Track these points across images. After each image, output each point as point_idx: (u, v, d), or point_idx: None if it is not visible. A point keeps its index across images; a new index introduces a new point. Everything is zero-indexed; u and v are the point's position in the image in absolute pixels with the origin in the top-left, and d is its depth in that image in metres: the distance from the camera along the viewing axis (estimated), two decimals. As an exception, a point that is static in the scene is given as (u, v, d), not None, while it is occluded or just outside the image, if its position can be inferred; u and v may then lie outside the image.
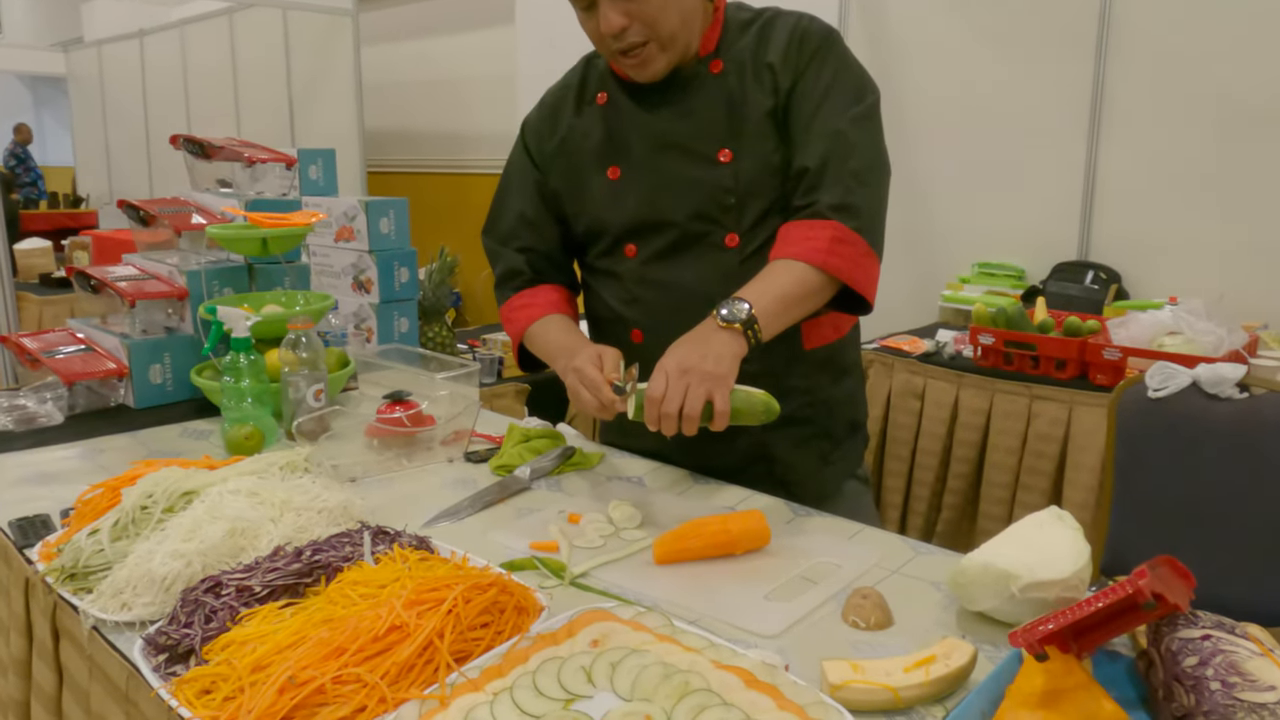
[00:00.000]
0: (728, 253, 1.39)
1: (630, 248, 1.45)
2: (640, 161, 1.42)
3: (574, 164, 1.48)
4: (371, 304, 2.36)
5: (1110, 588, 0.76)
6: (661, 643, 0.85)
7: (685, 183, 1.39)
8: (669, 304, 1.41)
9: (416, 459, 1.54)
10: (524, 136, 1.57)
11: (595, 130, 1.46)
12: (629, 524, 1.27)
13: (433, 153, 5.88)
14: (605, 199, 1.45)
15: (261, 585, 0.94)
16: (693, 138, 1.38)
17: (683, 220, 1.39)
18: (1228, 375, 1.91)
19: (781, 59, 1.35)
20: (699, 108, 1.38)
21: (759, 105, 1.36)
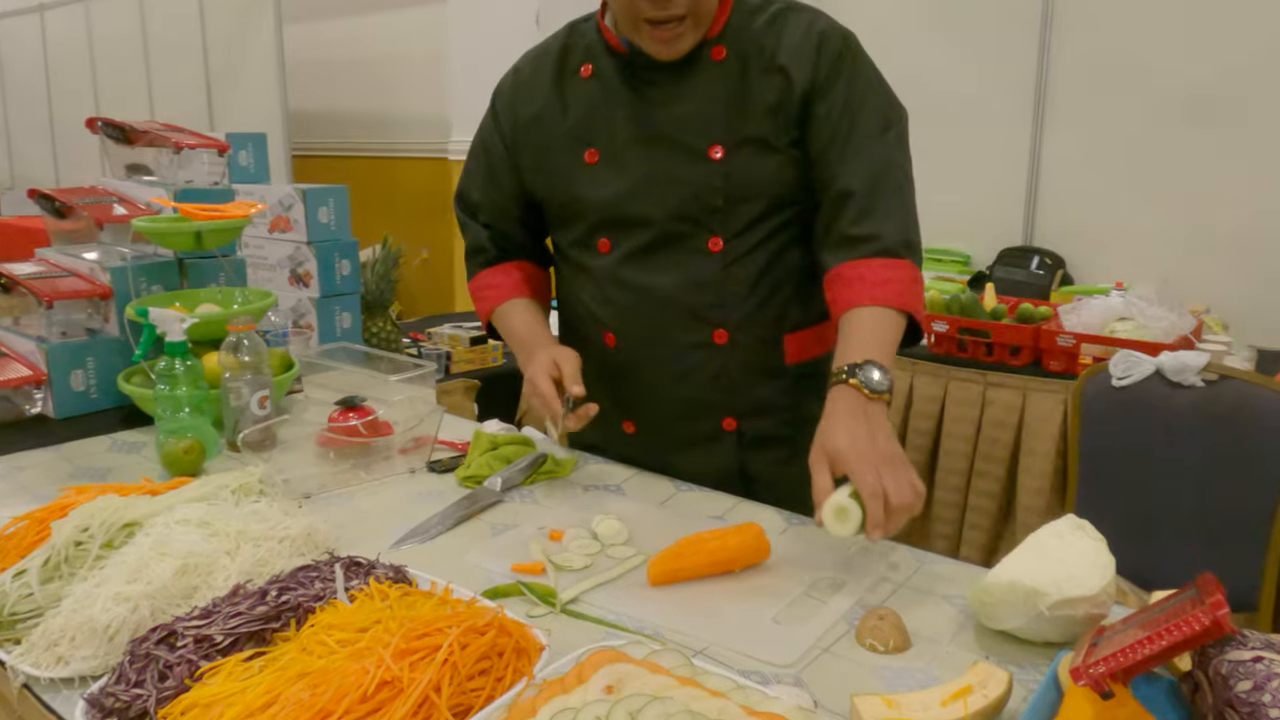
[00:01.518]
0: (710, 258, 1.29)
1: (604, 242, 1.35)
2: (622, 148, 1.31)
3: (548, 141, 1.36)
4: (311, 298, 2.22)
5: (1182, 619, 0.70)
6: (684, 686, 0.77)
7: (669, 178, 1.28)
8: (644, 310, 1.33)
9: (375, 470, 1.43)
10: (494, 105, 1.46)
11: (575, 106, 1.34)
12: (616, 540, 1.18)
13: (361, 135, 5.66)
14: (579, 185, 1.34)
15: (223, 633, 0.83)
16: (683, 129, 1.28)
17: (663, 219, 1.29)
18: (1191, 363, 1.91)
19: (795, 60, 1.25)
20: (694, 96, 1.27)
21: (761, 102, 1.26)
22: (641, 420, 1.41)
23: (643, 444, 1.42)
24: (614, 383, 1.39)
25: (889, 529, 1.02)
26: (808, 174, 1.28)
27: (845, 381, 1.11)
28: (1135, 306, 2.52)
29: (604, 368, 1.39)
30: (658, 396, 1.37)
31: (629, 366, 1.38)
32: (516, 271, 1.49)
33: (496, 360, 2.60)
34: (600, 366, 1.38)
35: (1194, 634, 0.68)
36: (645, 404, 1.39)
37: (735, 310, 1.31)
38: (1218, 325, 2.71)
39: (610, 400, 1.37)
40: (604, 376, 1.38)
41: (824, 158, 1.26)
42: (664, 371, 1.35)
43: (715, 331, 1.32)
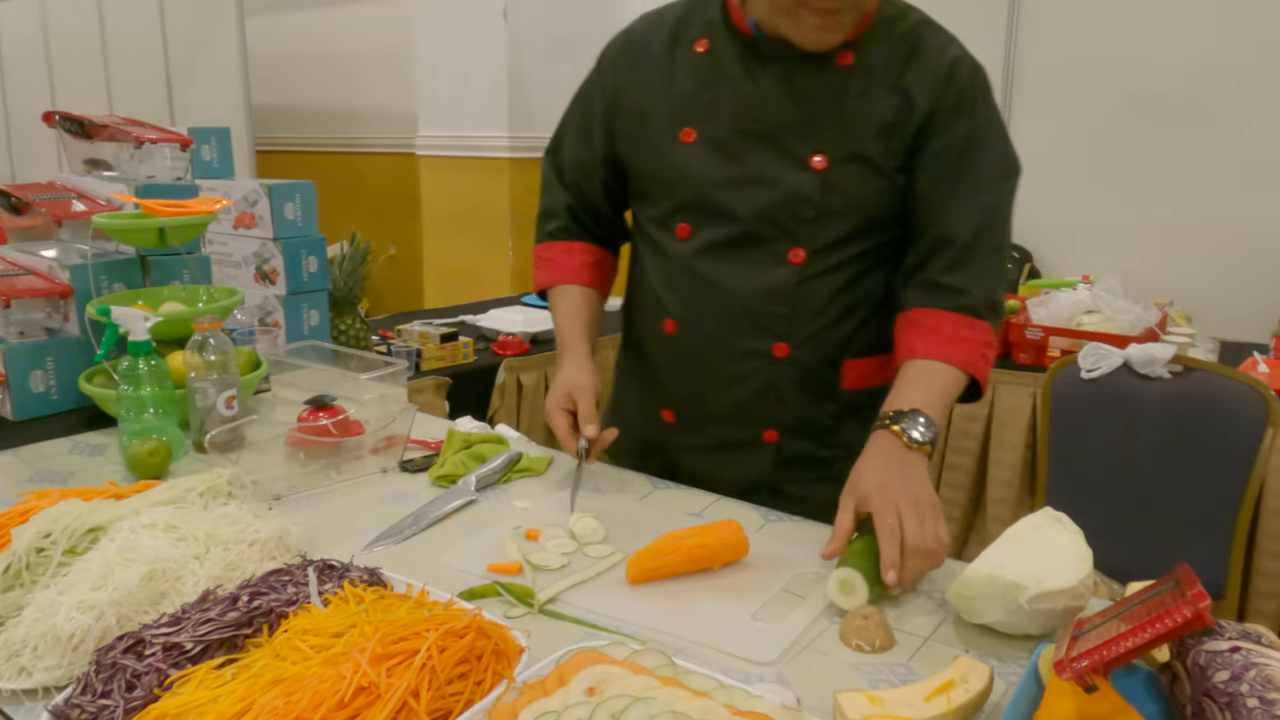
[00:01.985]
0: (788, 268, 1.24)
1: (683, 227, 1.28)
2: (722, 135, 1.23)
3: (648, 109, 1.29)
4: (277, 296, 2.19)
5: (1164, 611, 0.71)
6: (666, 687, 0.76)
7: (763, 178, 1.22)
8: (711, 306, 1.28)
9: (346, 471, 1.40)
10: (600, 63, 1.39)
11: (683, 79, 1.27)
12: (593, 538, 1.17)
13: (324, 131, 5.58)
14: (671, 161, 1.27)
15: (193, 641, 0.81)
16: (789, 130, 1.21)
17: (748, 218, 1.23)
18: (1158, 355, 1.94)
19: (921, 83, 1.19)
20: (808, 99, 1.20)
21: (876, 119, 1.19)
22: (682, 413, 1.36)
23: (677, 437, 1.37)
24: (662, 369, 1.36)
25: (905, 575, 1.00)
26: (906, 203, 1.23)
27: (888, 427, 1.11)
28: (1102, 299, 2.55)
29: (657, 352, 1.35)
30: (704, 395, 1.33)
31: (682, 358, 1.33)
32: (581, 255, 1.43)
33: (468, 357, 2.57)
34: (653, 349, 1.36)
35: (1177, 626, 0.69)
36: (689, 398, 1.35)
37: (802, 327, 1.26)
38: (1181, 318, 2.75)
39: (655, 386, 1.37)
40: (654, 361, 1.36)
41: (931, 195, 1.21)
42: (716, 372, 1.30)
43: (776, 344, 1.27)
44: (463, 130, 4.22)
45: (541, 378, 2.74)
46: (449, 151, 4.30)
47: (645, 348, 1.35)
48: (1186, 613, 0.68)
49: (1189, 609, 0.68)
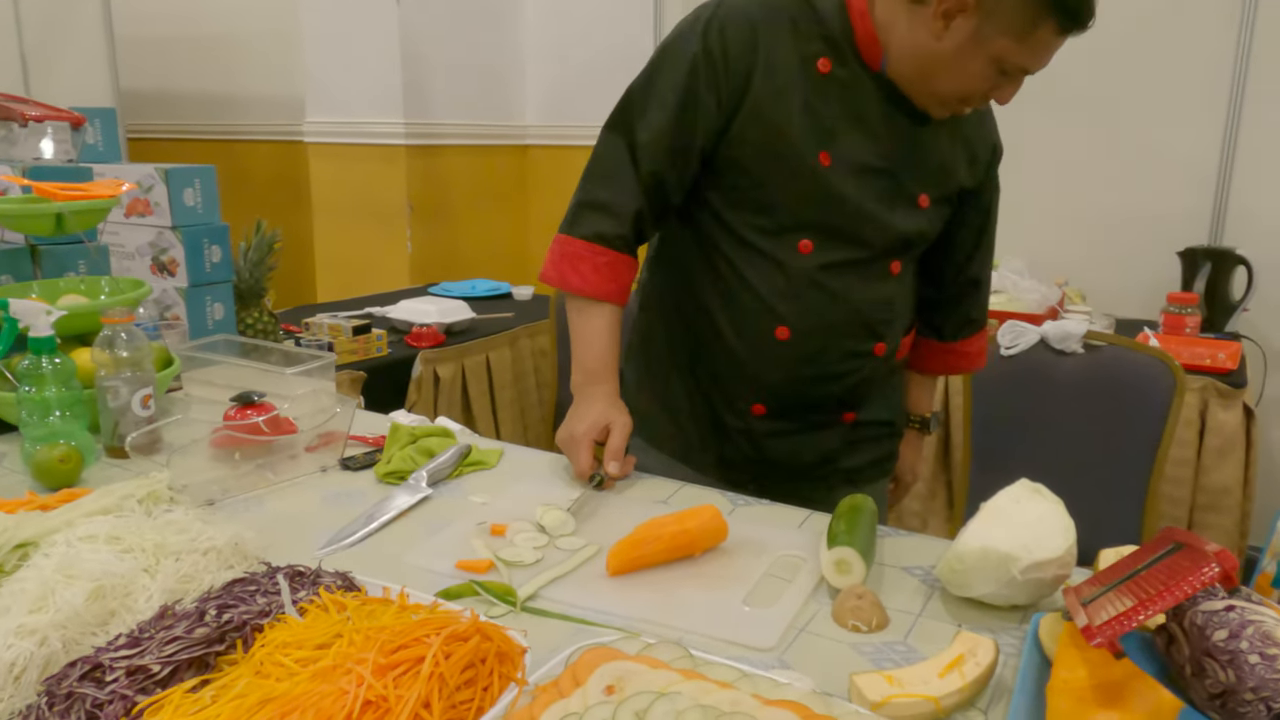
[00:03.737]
0: (892, 280, 1.36)
1: (807, 243, 1.28)
2: (854, 165, 1.26)
3: (784, 124, 1.23)
4: (178, 288, 2.04)
5: (1187, 573, 0.71)
6: (688, 680, 0.73)
7: (889, 211, 1.30)
8: (833, 314, 1.32)
9: (282, 471, 1.31)
10: (711, 46, 1.23)
11: (816, 100, 1.24)
12: (563, 530, 1.13)
13: (200, 117, 5.28)
14: (806, 181, 1.25)
15: (160, 662, 0.73)
16: (907, 170, 1.30)
17: (872, 241, 1.31)
18: (1073, 331, 2.01)
19: (984, 144, 1.38)
20: (920, 145, 1.30)
21: (958, 168, 1.35)
22: (775, 406, 1.37)
23: (765, 425, 1.39)
24: (763, 370, 1.35)
25: None
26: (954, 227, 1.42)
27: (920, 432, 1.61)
28: (1008, 280, 2.64)
29: (758, 355, 1.34)
30: (806, 390, 1.36)
31: (793, 360, 1.33)
32: (628, 273, 1.33)
33: (381, 350, 2.46)
34: (752, 353, 1.34)
35: (1205, 584, 0.70)
36: (790, 394, 1.36)
37: (897, 326, 1.39)
38: (1077, 296, 2.88)
39: (745, 384, 1.36)
40: (751, 363, 1.34)
41: (968, 241, 1.44)
42: (824, 371, 1.35)
43: (878, 344, 1.37)
44: (354, 117, 4.05)
45: (459, 370, 2.65)
46: (340, 139, 4.13)
47: (739, 350, 1.34)
48: (1214, 571, 0.69)
49: (1214, 568, 0.69)
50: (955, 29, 1.15)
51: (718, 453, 1.41)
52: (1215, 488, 2.37)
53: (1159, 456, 1.93)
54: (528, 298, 3.30)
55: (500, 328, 2.85)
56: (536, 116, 4.45)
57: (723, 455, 1.41)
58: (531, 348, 2.97)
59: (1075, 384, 2.03)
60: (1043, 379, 2.06)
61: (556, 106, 4.39)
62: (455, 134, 4.16)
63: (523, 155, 4.50)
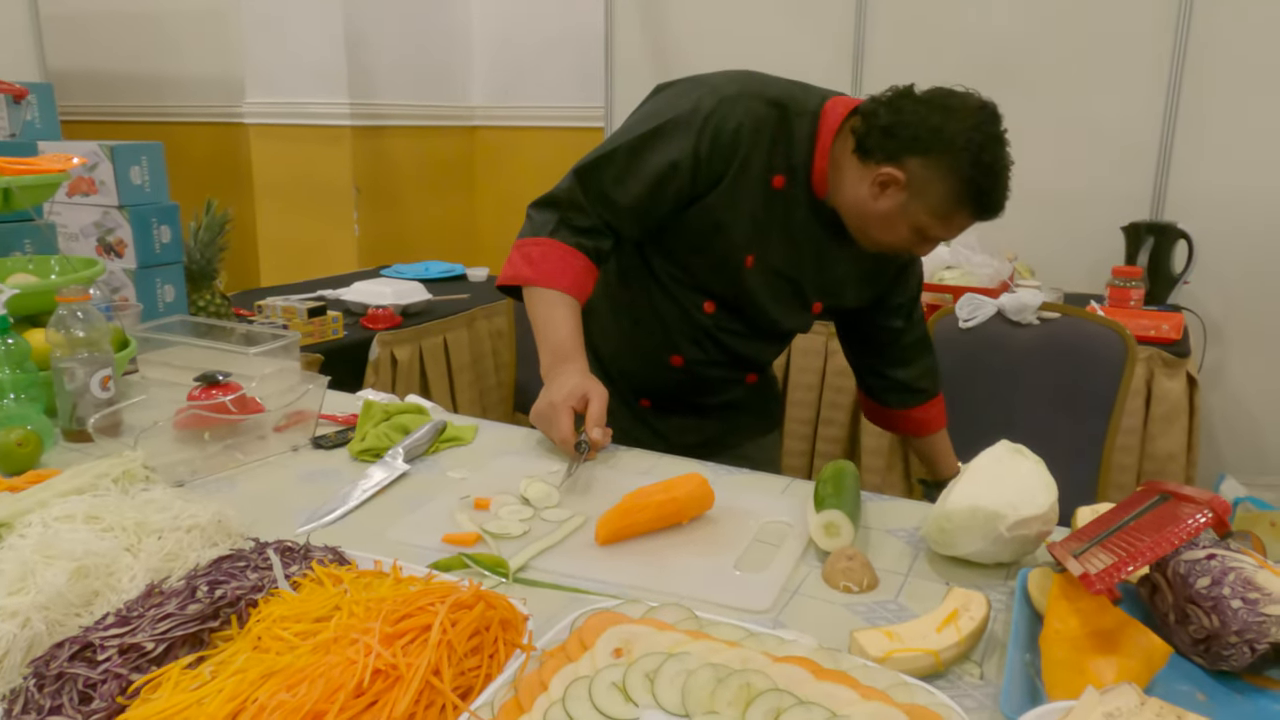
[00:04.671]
0: (780, 342, 1.60)
1: (711, 306, 1.47)
2: (773, 270, 1.42)
3: (725, 222, 1.37)
4: (127, 270, 1.98)
5: (1180, 520, 0.74)
6: (696, 640, 0.73)
7: (784, 310, 1.48)
8: (725, 361, 1.52)
9: (252, 451, 1.28)
10: (699, 138, 1.32)
11: (761, 212, 1.37)
12: (548, 502, 1.12)
13: (132, 99, 5.10)
14: (728, 275, 1.42)
15: (154, 640, 0.71)
16: (810, 283, 1.45)
17: (763, 322, 1.49)
18: (1029, 302, 2.05)
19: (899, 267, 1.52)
20: (833, 263, 1.44)
21: (857, 277, 1.48)
22: (658, 402, 1.58)
23: (656, 413, 1.58)
24: (656, 380, 1.55)
25: None
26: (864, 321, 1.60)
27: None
28: (961, 255, 2.68)
29: (653, 369, 1.53)
30: (684, 395, 1.56)
31: (681, 381, 1.53)
32: (592, 277, 1.40)
33: (337, 333, 2.42)
34: (651, 367, 1.53)
35: (1199, 528, 0.72)
36: (671, 397, 1.57)
37: (767, 364, 1.64)
38: (1027, 271, 2.93)
39: (635, 385, 1.56)
40: (649, 373, 1.54)
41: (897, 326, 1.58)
42: (705, 388, 1.56)
43: (750, 375, 1.59)
44: (296, 97, 3.96)
45: (417, 352, 2.62)
46: (282, 120, 4.03)
47: (634, 363, 1.54)
48: (1206, 516, 0.71)
49: (1206, 513, 0.71)
50: (888, 196, 1.28)
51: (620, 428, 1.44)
52: (1161, 454, 2.45)
53: (1112, 423, 1.98)
54: (482, 279, 3.26)
55: (457, 309, 2.81)
56: (484, 98, 4.39)
57: (629, 433, 1.48)
58: (489, 329, 2.94)
59: (1031, 354, 2.07)
60: (1000, 350, 2.10)
61: (505, 88, 4.34)
62: (402, 114, 4.09)
63: (471, 136, 4.44)
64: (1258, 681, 0.79)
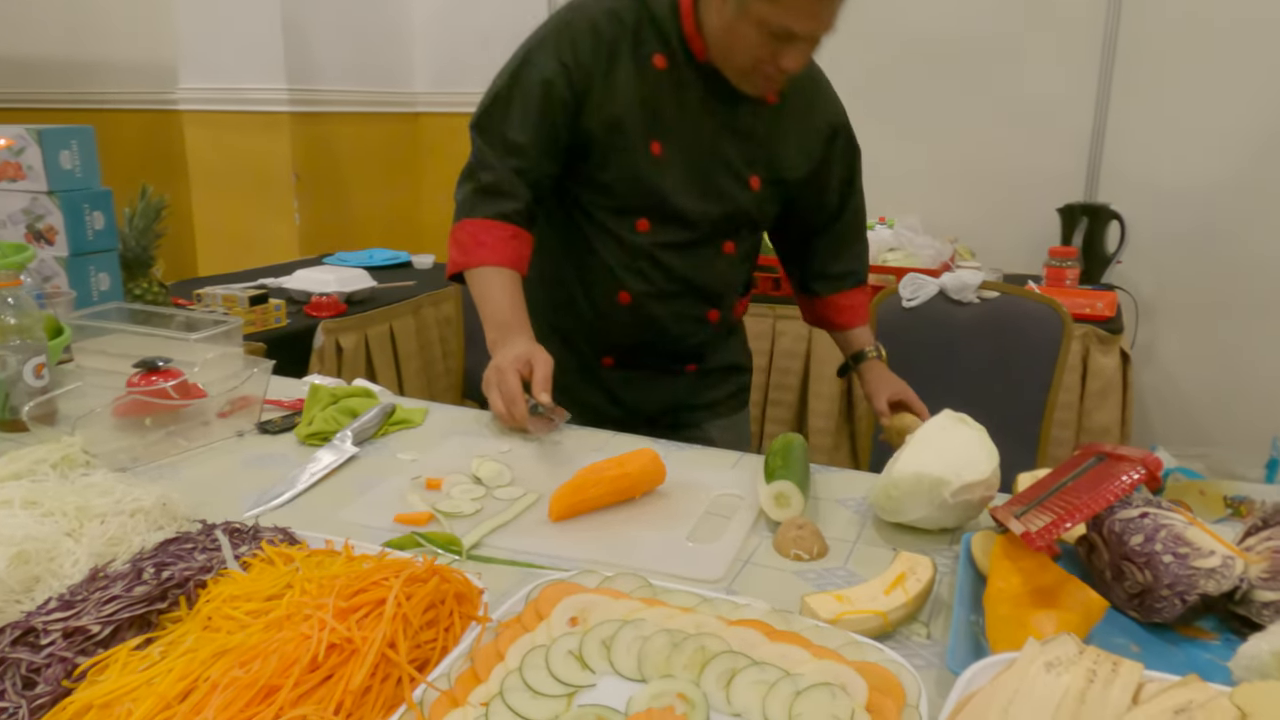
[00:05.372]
0: (725, 258, 1.48)
1: (644, 223, 1.41)
2: (685, 153, 1.38)
3: (621, 117, 1.35)
4: (59, 258, 1.92)
5: (1114, 478, 0.76)
6: (651, 607, 0.74)
7: (718, 194, 1.41)
8: (670, 287, 1.45)
9: (195, 438, 1.26)
10: (560, 50, 1.33)
11: (649, 92, 1.35)
12: (500, 481, 1.12)
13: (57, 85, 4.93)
14: (641, 168, 1.37)
15: (100, 622, 0.69)
16: (736, 154, 1.40)
17: (702, 223, 1.42)
18: (969, 281, 2.10)
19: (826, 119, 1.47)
20: (749, 128, 1.39)
21: (795, 150, 1.44)
22: (623, 358, 1.52)
23: (615, 374, 1.53)
24: (611, 329, 1.49)
25: None
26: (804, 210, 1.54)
27: (879, 357, 1.58)
28: (904, 237, 2.73)
29: (606, 314, 1.47)
30: (646, 346, 1.50)
31: (634, 323, 1.47)
32: (523, 244, 1.39)
33: (280, 321, 2.37)
34: (600, 313, 1.47)
35: (1133, 484, 0.74)
36: (635, 349, 1.51)
37: (729, 296, 1.53)
38: (967, 253, 3.00)
39: (597, 340, 1.50)
40: (600, 321, 1.48)
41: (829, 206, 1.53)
42: (663, 332, 1.48)
43: (711, 311, 1.50)
44: (232, 83, 3.87)
45: (362, 339, 2.58)
46: (217, 106, 3.93)
47: (587, 311, 1.48)
48: (1140, 472, 0.74)
49: (1139, 470, 0.74)
50: (726, 3, 1.25)
51: (583, 402, 1.47)
52: (1097, 428, 2.52)
53: (1050, 396, 2.04)
54: (428, 266, 3.23)
55: (402, 296, 2.78)
56: (427, 83, 4.33)
57: (587, 403, 1.49)
58: (436, 316, 2.92)
59: (972, 332, 2.12)
60: (942, 328, 2.14)
61: (448, 74, 4.29)
62: (342, 100, 4.02)
63: (414, 123, 4.38)
64: (1189, 632, 0.82)
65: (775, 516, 1.01)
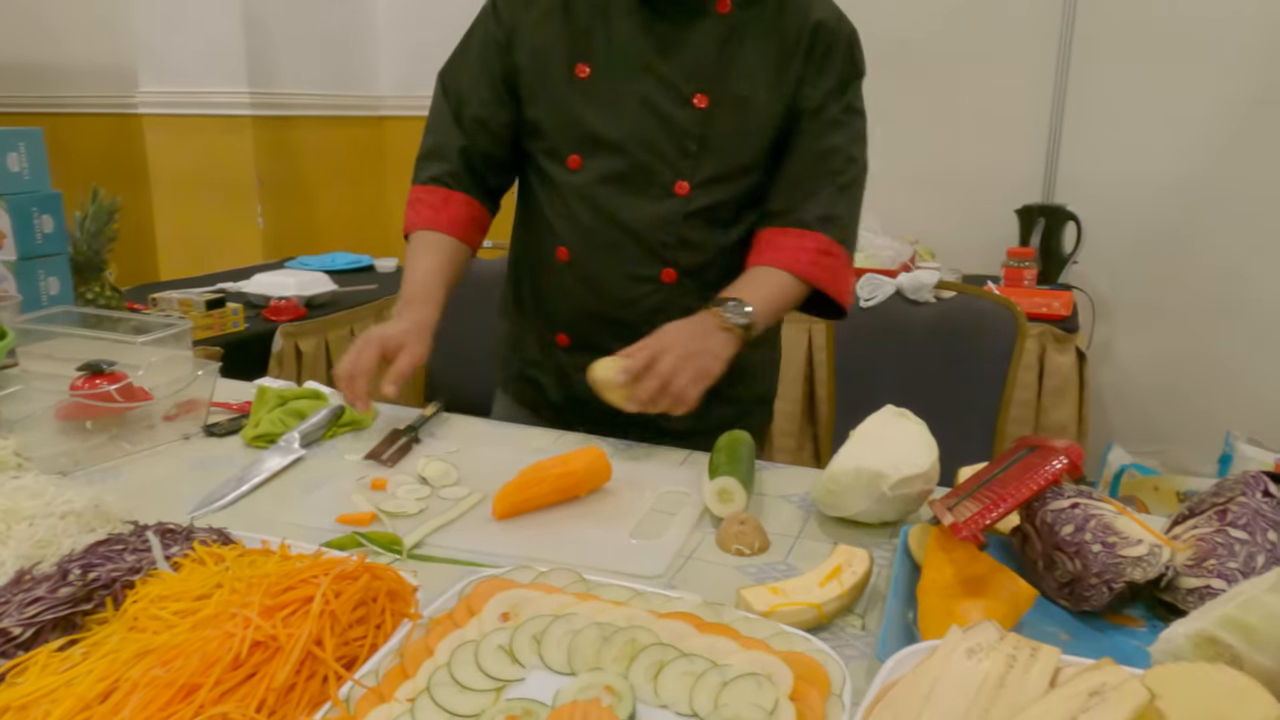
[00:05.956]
0: (674, 200, 1.28)
1: (575, 159, 1.30)
2: (614, 72, 1.27)
3: (546, 44, 1.29)
4: (6, 261, 1.89)
5: (1037, 468, 0.77)
6: (583, 602, 0.74)
7: (651, 113, 1.26)
8: (603, 233, 1.31)
9: (139, 441, 1.24)
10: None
11: (580, 14, 1.28)
12: (446, 480, 1.12)
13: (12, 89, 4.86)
14: (565, 95, 1.29)
15: (21, 624, 0.69)
16: (674, 70, 1.25)
17: (637, 150, 1.27)
18: (926, 281, 2.12)
19: (799, 37, 1.26)
20: (691, 41, 1.25)
21: (757, 65, 1.26)
22: (576, 337, 1.38)
23: (571, 359, 1.37)
24: (557, 296, 1.38)
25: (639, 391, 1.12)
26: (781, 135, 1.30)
27: (709, 308, 1.22)
28: (864, 238, 2.74)
29: (551, 279, 1.37)
30: (597, 318, 1.35)
31: (576, 284, 1.35)
32: (462, 207, 1.37)
33: (238, 325, 2.35)
34: (547, 277, 1.37)
35: (1056, 474, 0.75)
36: (584, 322, 1.37)
37: (689, 255, 1.31)
38: (927, 253, 3.03)
39: (549, 313, 1.39)
40: (548, 288, 1.38)
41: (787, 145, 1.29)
42: (609, 297, 1.33)
43: (665, 270, 1.31)
44: (194, 86, 3.83)
45: (322, 344, 2.56)
46: (178, 110, 3.90)
47: (538, 277, 1.38)
48: (1062, 462, 0.75)
49: (1062, 460, 0.75)
50: None
51: (546, 394, 1.41)
52: (1054, 426, 2.56)
53: (1005, 395, 2.06)
54: (391, 269, 3.22)
55: (364, 300, 2.77)
56: (392, 87, 4.31)
57: (549, 399, 1.42)
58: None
59: (929, 331, 2.14)
60: (899, 328, 2.16)
61: (413, 77, 4.27)
62: (306, 104, 3.99)
63: (379, 127, 4.36)
64: (1118, 620, 0.84)
65: (718, 512, 1.01)
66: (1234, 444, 2.65)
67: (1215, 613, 0.68)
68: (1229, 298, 2.99)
